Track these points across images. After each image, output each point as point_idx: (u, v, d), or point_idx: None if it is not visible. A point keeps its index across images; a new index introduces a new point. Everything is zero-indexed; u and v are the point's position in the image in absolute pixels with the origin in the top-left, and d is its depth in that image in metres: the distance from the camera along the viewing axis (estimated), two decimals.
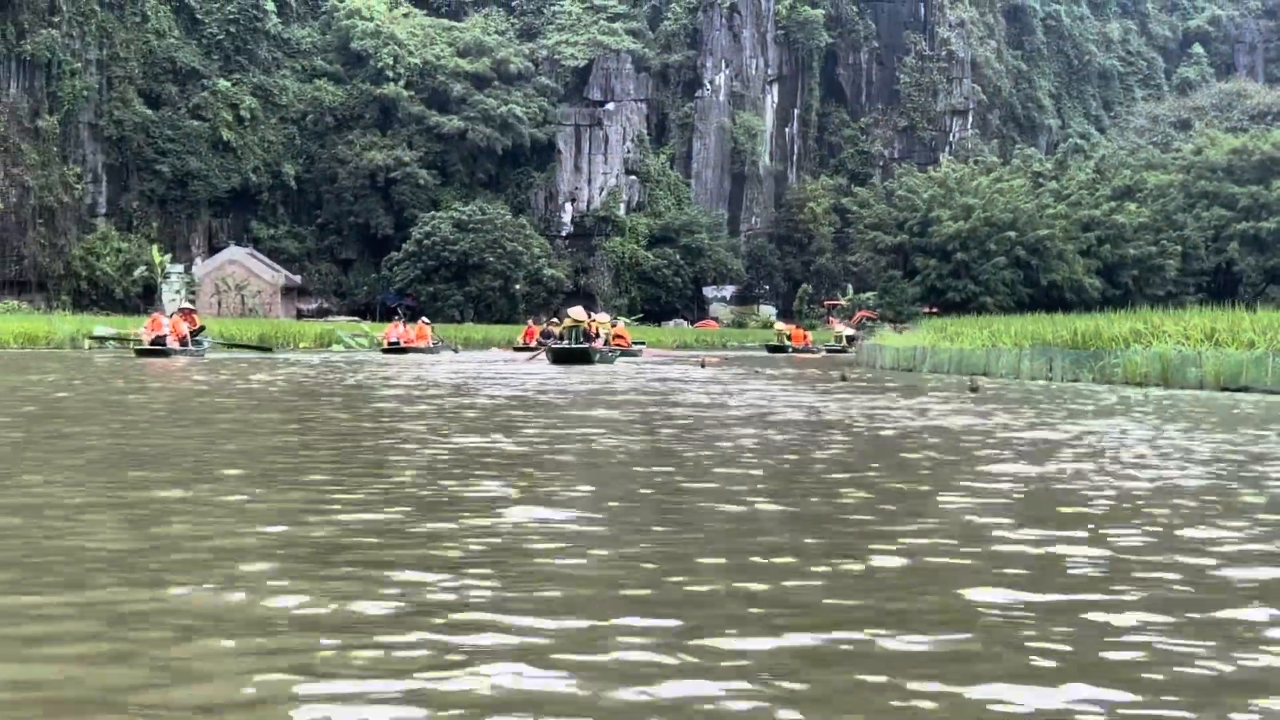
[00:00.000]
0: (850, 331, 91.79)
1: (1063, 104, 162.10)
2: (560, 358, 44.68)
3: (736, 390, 25.43)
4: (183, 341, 45.49)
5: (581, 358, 44.05)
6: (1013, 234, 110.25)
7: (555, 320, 75.59)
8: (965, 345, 41.62)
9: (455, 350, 60.57)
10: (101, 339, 60.62)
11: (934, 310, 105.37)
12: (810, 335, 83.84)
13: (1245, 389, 26.52)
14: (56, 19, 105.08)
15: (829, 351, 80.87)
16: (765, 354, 71.65)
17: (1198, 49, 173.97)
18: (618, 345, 54.09)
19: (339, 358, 50.70)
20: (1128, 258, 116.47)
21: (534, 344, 62.93)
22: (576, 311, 49.91)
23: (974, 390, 25.86)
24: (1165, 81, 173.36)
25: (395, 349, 55.04)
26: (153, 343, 43.87)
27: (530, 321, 78.72)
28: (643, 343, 71.61)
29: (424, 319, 69.34)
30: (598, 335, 49.20)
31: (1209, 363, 28.62)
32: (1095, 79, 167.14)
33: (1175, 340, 31.83)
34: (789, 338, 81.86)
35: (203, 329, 49.11)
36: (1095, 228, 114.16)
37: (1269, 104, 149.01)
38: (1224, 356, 28.50)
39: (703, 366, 41.57)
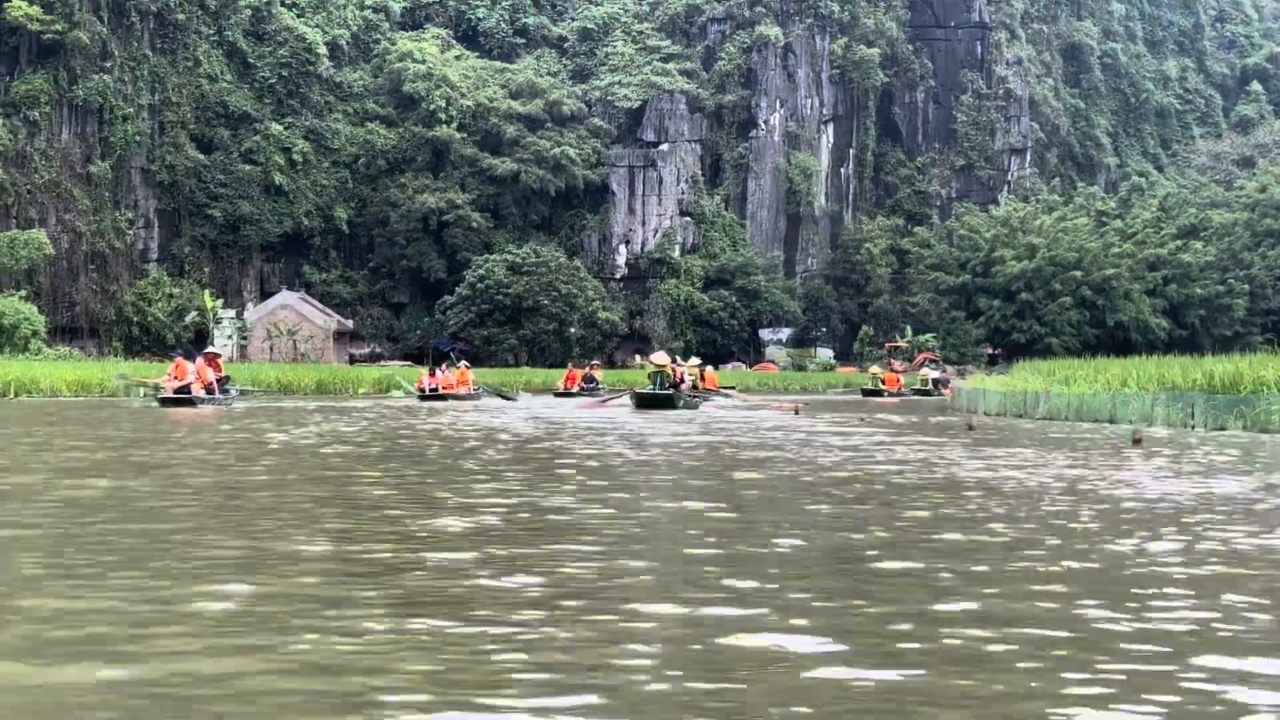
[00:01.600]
0: (936, 374, 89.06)
1: (1120, 142, 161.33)
2: (644, 403, 43.69)
3: (871, 446, 22.78)
4: (209, 389, 42.54)
5: (665, 403, 43.08)
6: (1078, 273, 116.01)
7: (597, 364, 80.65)
8: (1084, 389, 38.65)
9: (512, 399, 56.04)
10: (128, 385, 58.44)
11: (998, 351, 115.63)
12: (903, 380, 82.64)
13: None
14: (109, 64, 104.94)
15: (915, 393, 79.54)
16: (857, 398, 70.32)
17: (1256, 86, 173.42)
18: (707, 389, 52.72)
19: (400, 404, 49.74)
20: (1194, 297, 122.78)
21: (575, 388, 62.19)
22: (659, 357, 49.40)
23: (1137, 443, 22.77)
24: (1224, 119, 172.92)
25: (434, 396, 52.25)
26: (177, 391, 41.14)
27: (571, 365, 77.92)
28: (733, 386, 68.75)
29: (464, 363, 67.35)
30: (683, 380, 48.58)
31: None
32: (1153, 117, 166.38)
33: None
34: (883, 381, 79.27)
35: (228, 377, 46.79)
36: (1161, 267, 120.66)
37: None
38: None
39: (796, 413, 40.13)
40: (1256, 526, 10.72)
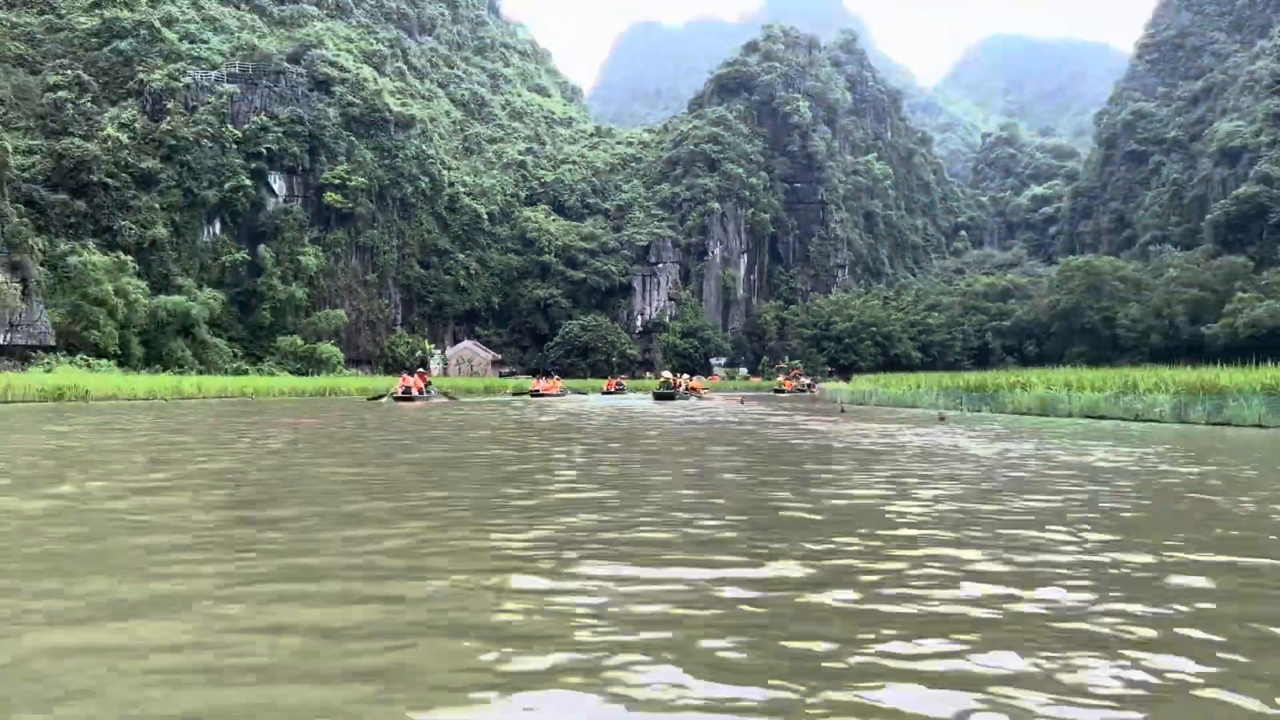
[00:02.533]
0: (808, 381, 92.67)
1: (893, 262, 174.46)
2: (659, 397, 45.31)
3: (787, 420, 22.09)
4: (420, 392, 43.57)
5: (670, 397, 44.78)
6: (874, 329, 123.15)
7: (624, 377, 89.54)
8: (895, 390, 38.39)
9: (583, 395, 59.81)
10: (377, 397, 59.14)
11: (832, 370, 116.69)
12: (793, 384, 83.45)
13: (1103, 417, 24.08)
14: (375, 224, 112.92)
15: (797, 391, 79.32)
16: (770, 395, 69.48)
17: (963, 233, 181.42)
18: (692, 390, 53.02)
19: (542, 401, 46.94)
20: (933, 341, 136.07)
21: (613, 389, 65.13)
22: (666, 373, 51.83)
23: (942, 420, 22.18)
24: (946, 250, 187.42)
25: (537, 394, 53.51)
26: (404, 393, 42.33)
27: (610, 378, 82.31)
28: (708, 388, 70.83)
29: (556, 375, 69.40)
30: (679, 385, 49.85)
31: (1077, 401, 25.54)
32: (909, 248, 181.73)
33: (1042, 387, 28.31)
34: (784, 386, 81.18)
35: (429, 384, 47.77)
36: (916, 325, 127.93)
37: (1000, 261, 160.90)
38: (1088, 396, 25.48)
39: (742, 403, 41.16)
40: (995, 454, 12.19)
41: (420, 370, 49.71)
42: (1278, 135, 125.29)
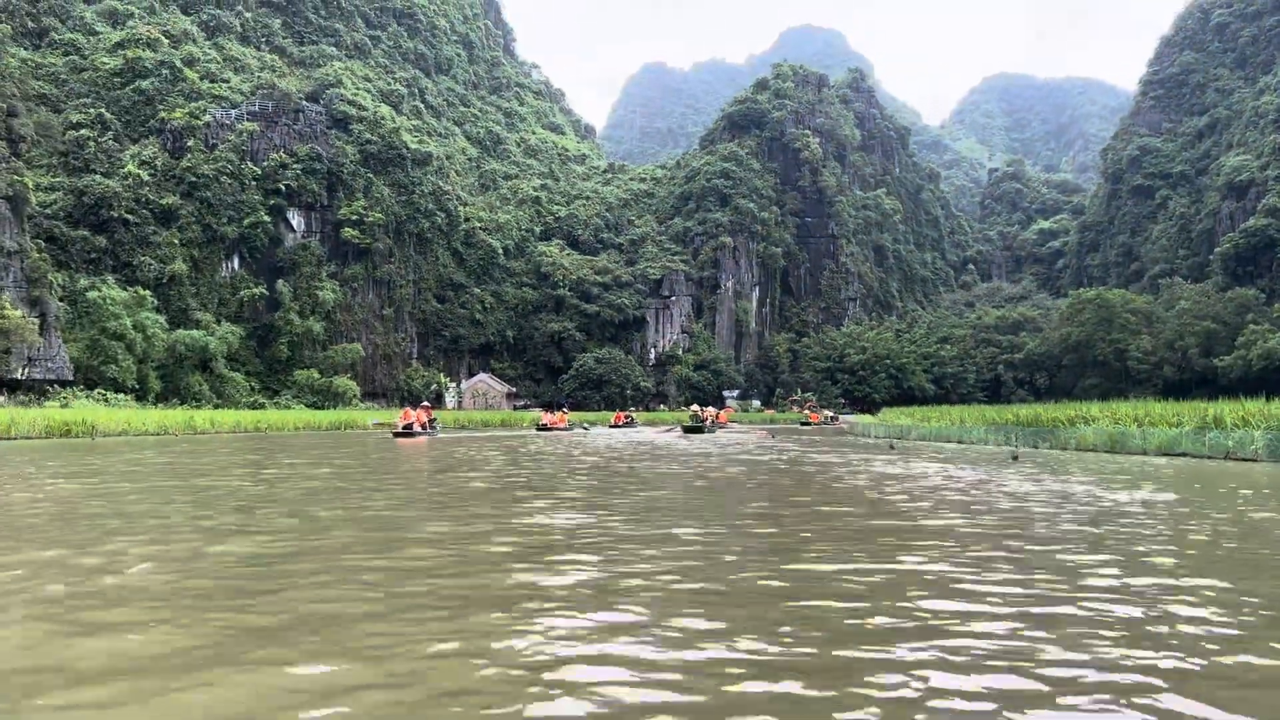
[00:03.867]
0: (830, 413, 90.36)
1: (903, 295, 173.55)
2: (689, 430, 45.62)
3: (838, 461, 19.65)
4: (423, 426, 40.65)
5: (699, 430, 45.03)
6: (888, 361, 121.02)
7: (638, 409, 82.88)
8: (936, 425, 34.96)
9: (585, 429, 55.47)
10: (378, 425, 57.99)
11: (845, 403, 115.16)
12: (818, 416, 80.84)
13: (1184, 455, 22.06)
14: (392, 259, 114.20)
15: (821, 424, 76.32)
16: (797, 428, 66.82)
17: (971, 267, 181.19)
18: (719, 423, 53.14)
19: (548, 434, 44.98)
20: (946, 373, 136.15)
21: (622, 422, 62.27)
22: (694, 407, 51.88)
23: (1016, 459, 20.10)
24: (955, 283, 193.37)
25: (545, 429, 50.06)
26: (404, 428, 39.13)
27: (618, 411, 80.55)
28: (737, 421, 76.55)
29: (564, 409, 62.93)
30: (708, 419, 50.04)
31: (1153, 438, 23.19)
32: (919, 282, 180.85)
33: (1108, 421, 26.29)
34: (810, 418, 79.06)
35: (434, 419, 45.13)
36: (929, 358, 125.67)
37: (1010, 294, 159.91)
38: (1165, 433, 23.10)
39: (773, 437, 39.88)
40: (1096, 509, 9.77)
41: (425, 404, 46.63)
42: None
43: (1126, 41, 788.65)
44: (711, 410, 59.82)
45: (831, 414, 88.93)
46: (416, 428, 39.88)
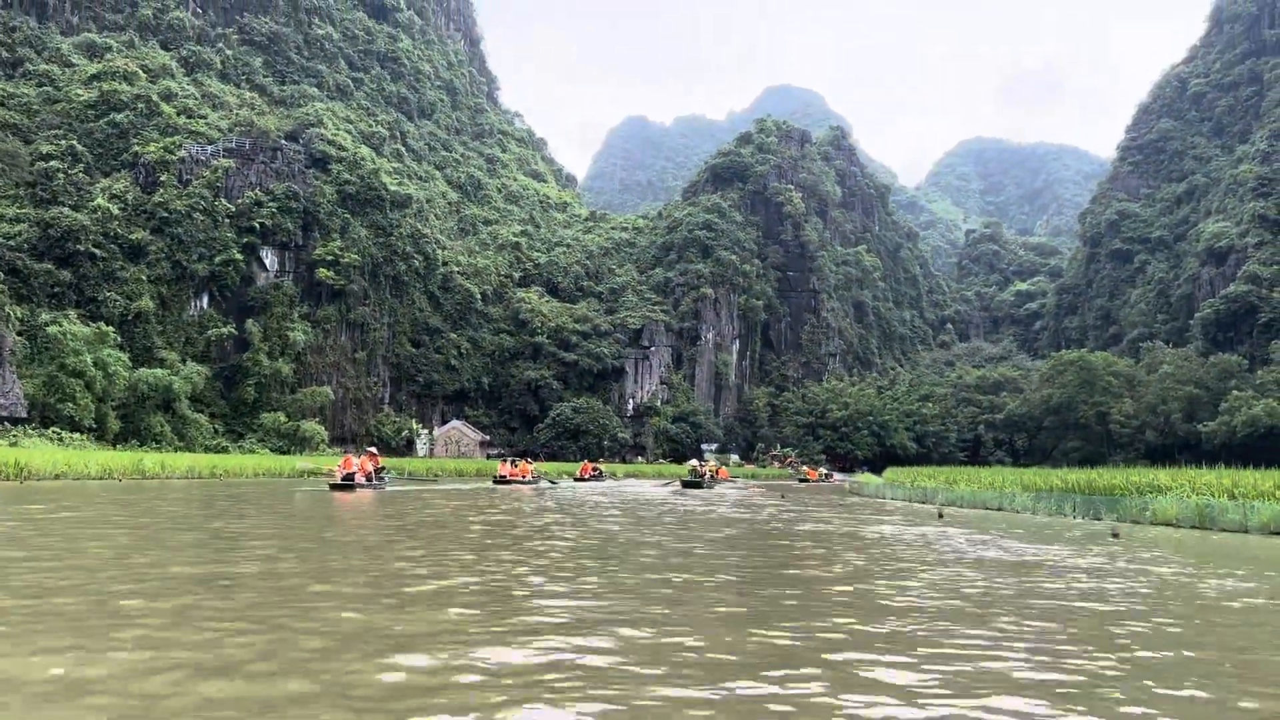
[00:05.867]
0: (825, 470, 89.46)
1: (882, 352, 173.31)
2: (687, 485, 45.36)
3: (934, 538, 16.96)
4: (368, 477, 34.52)
5: (697, 485, 44.86)
6: (870, 418, 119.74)
7: (602, 461, 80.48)
8: (966, 489, 31.79)
9: (554, 483, 49.82)
10: (306, 472, 52.27)
11: (827, 459, 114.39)
12: (816, 473, 78.98)
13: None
14: (367, 301, 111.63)
15: (819, 481, 74.63)
16: (795, 484, 65.59)
17: (949, 326, 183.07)
18: (717, 478, 52.20)
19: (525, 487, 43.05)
20: (928, 431, 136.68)
21: (587, 476, 57.77)
22: (692, 462, 52.30)
23: (1116, 537, 17.96)
24: (933, 341, 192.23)
25: (502, 481, 44.91)
26: (344, 478, 33.19)
27: (585, 461, 77.17)
28: (738, 478, 70.16)
29: (526, 459, 56.24)
30: (705, 474, 48.86)
31: (1258, 513, 19.92)
32: (898, 339, 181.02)
33: (1188, 491, 23.64)
34: (808, 475, 77.38)
35: (384, 468, 38.56)
36: (911, 415, 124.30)
37: (990, 354, 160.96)
38: (1270, 508, 19.86)
39: (783, 497, 38.13)
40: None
41: (371, 450, 39.64)
42: (1264, 236, 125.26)
43: (1097, 110, 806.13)
44: (712, 464, 58.44)
45: (826, 471, 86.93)
46: (360, 479, 33.71)
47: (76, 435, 65.66)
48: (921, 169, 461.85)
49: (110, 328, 78.48)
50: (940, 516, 23.64)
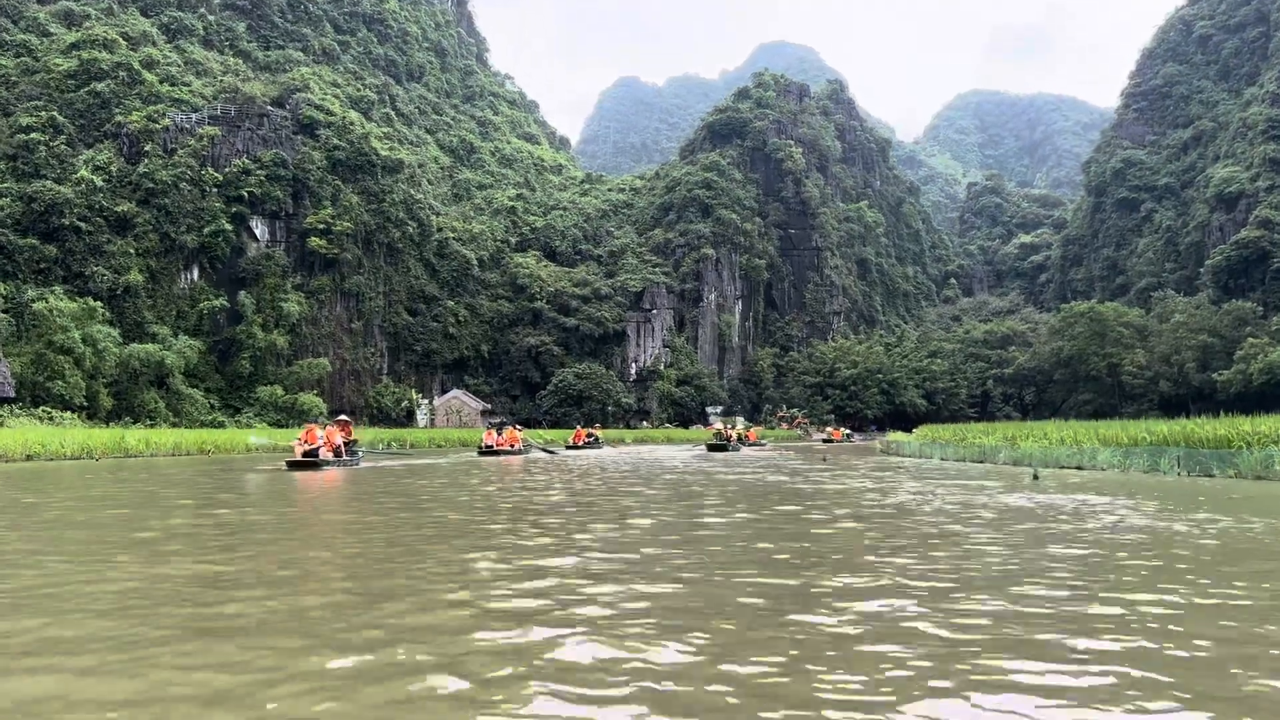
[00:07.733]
0: (848, 430, 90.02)
1: (886, 308, 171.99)
2: (712, 448, 45.68)
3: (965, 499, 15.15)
4: (336, 452, 29.34)
5: (722, 449, 45.17)
6: (879, 376, 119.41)
7: (598, 426, 78.83)
8: (1035, 446, 29.23)
9: (551, 452, 47.02)
10: (257, 448, 47.98)
11: (835, 419, 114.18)
12: (840, 433, 78.80)
13: None
14: (361, 270, 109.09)
15: (841, 440, 74.95)
16: (821, 444, 64.05)
17: (953, 281, 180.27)
18: (746, 439, 52.06)
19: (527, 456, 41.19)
20: (937, 388, 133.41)
21: (582, 442, 55.10)
22: (718, 425, 52.62)
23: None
24: (937, 297, 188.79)
25: (489, 451, 41.03)
26: (305, 454, 28.18)
27: (579, 426, 73.93)
28: (765, 440, 67.91)
29: (515, 426, 51.94)
30: (730, 437, 49.23)
31: None
32: (901, 296, 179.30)
33: None
34: (833, 435, 77.45)
35: (355, 441, 33.42)
36: (920, 372, 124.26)
37: (997, 308, 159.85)
38: None
39: (825, 460, 34.91)
40: None
41: (342, 419, 34.44)
42: (1276, 180, 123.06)
43: (1099, 57, 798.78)
44: (740, 426, 57.02)
45: (849, 431, 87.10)
46: (325, 454, 28.61)
47: (68, 414, 63.75)
48: (919, 124, 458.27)
49: (99, 303, 77.02)
50: (1035, 478, 20.86)
